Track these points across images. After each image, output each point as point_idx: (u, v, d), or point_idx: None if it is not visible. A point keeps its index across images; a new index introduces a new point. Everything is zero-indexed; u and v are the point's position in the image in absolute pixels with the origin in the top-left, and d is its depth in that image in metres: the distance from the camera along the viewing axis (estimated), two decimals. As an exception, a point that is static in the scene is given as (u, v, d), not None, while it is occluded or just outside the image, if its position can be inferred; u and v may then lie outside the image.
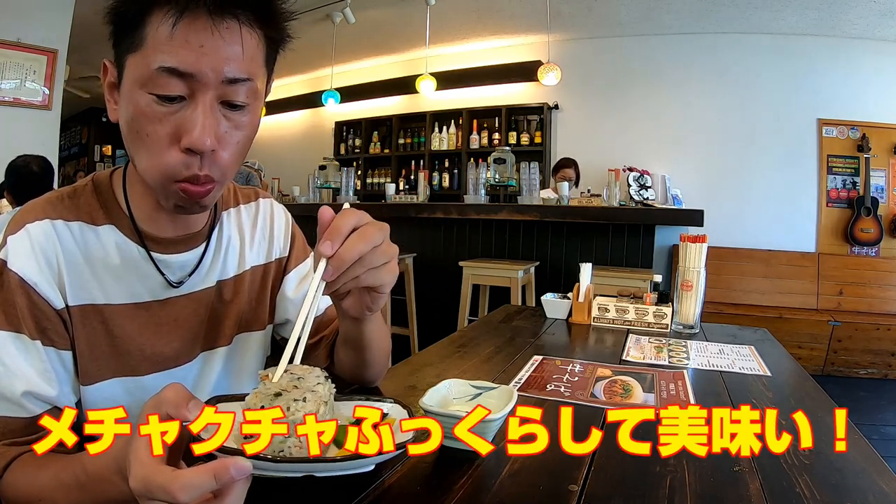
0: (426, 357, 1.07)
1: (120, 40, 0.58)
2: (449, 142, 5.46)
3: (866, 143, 4.16)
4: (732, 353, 1.13)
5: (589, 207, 3.26)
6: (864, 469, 0.61)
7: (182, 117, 0.56)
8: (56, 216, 0.63)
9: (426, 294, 3.68)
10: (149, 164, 0.58)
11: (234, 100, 0.58)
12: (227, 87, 0.57)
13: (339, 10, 4.54)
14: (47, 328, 0.61)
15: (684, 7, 4.16)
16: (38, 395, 0.59)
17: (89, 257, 0.64)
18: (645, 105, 4.68)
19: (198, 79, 0.55)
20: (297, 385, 0.47)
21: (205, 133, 0.56)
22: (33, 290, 0.60)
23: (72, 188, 0.68)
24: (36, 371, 0.59)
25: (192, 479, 0.38)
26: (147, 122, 0.56)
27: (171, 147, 0.57)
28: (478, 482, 0.56)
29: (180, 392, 0.43)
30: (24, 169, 2.47)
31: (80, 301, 0.63)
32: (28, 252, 0.60)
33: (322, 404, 0.47)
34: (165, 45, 0.54)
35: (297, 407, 0.45)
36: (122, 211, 0.67)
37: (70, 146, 8.54)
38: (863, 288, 4.06)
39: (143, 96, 0.56)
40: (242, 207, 0.81)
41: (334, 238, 0.52)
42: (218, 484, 0.38)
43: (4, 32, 3.58)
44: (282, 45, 0.65)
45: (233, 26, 0.56)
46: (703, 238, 1.34)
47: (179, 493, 0.37)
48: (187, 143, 0.56)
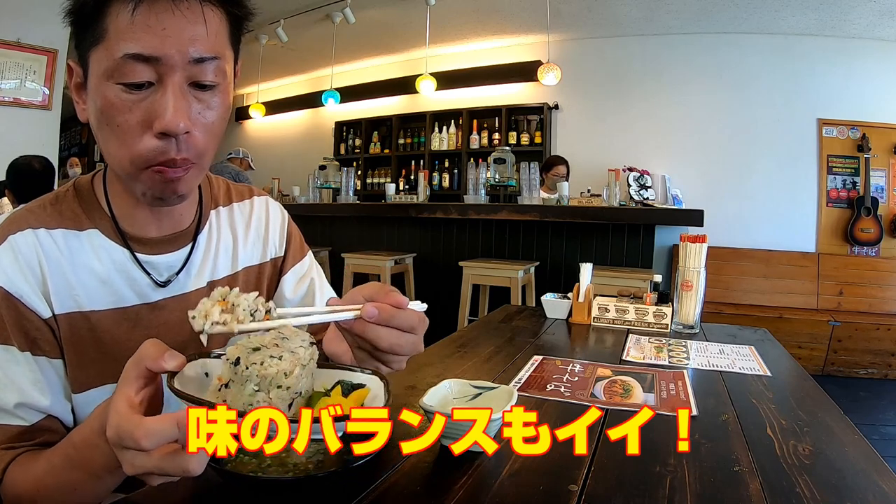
0: (426, 357, 1.07)
1: (81, 37, 0.57)
2: (449, 142, 5.46)
3: (866, 143, 4.16)
4: (732, 353, 1.13)
5: (589, 207, 3.27)
6: (864, 469, 0.61)
7: (152, 102, 0.55)
8: (38, 225, 0.63)
9: (426, 294, 3.68)
10: (122, 155, 0.58)
11: (203, 79, 0.57)
12: (195, 68, 0.56)
13: (339, 10, 4.54)
14: (37, 338, 0.60)
15: (685, 7, 4.16)
16: (32, 406, 0.58)
17: (74, 264, 0.63)
18: (645, 105, 4.68)
19: (164, 62, 0.54)
20: (279, 344, 0.48)
21: (177, 115, 0.55)
22: (19, 301, 0.59)
23: (54, 195, 0.67)
24: (27, 382, 0.58)
25: (155, 426, 0.40)
26: (117, 112, 0.56)
27: (144, 134, 0.56)
28: (478, 482, 0.56)
29: (158, 345, 0.45)
30: (26, 167, 2.48)
31: (66, 309, 0.62)
32: (12, 264, 0.60)
33: (299, 366, 0.47)
34: (127, 32, 0.53)
35: (272, 363, 0.45)
36: (105, 214, 0.66)
37: (70, 146, 8.53)
38: (863, 288, 4.06)
39: (111, 87, 0.55)
40: (236, 206, 0.80)
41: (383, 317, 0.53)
42: (178, 434, 0.40)
43: (4, 32, 3.59)
44: (245, 22, 0.64)
45: (194, 6, 0.55)
46: (703, 238, 1.34)
47: (143, 440, 0.39)
48: (160, 127, 0.55)
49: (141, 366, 0.45)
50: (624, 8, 4.28)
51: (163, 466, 0.41)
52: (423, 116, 5.60)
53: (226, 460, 0.54)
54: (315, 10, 4.61)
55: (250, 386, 0.45)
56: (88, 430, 0.49)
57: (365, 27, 4.80)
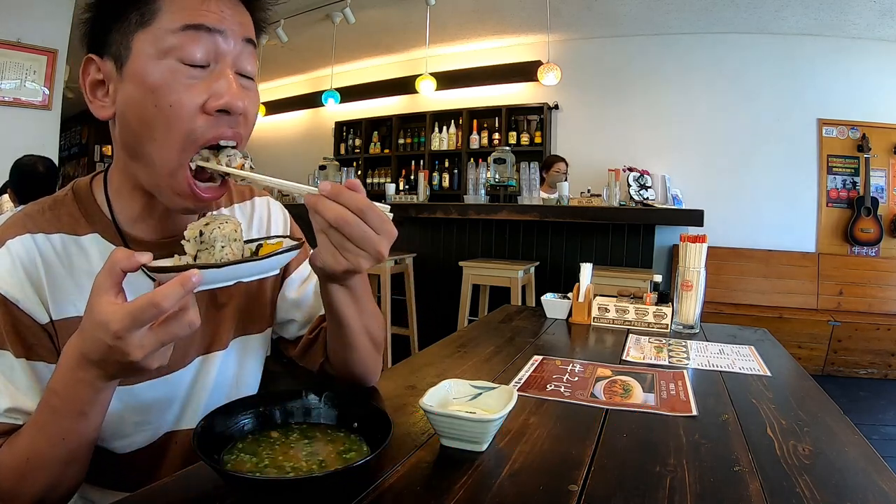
0: (426, 357, 1.07)
1: (121, 22, 0.58)
2: (449, 142, 5.46)
3: (866, 143, 4.16)
4: (732, 353, 1.13)
5: (589, 207, 3.26)
6: (864, 469, 0.61)
7: (210, 83, 0.58)
8: (36, 230, 0.62)
9: (426, 294, 3.68)
10: (167, 140, 0.58)
11: (246, 68, 0.61)
12: (242, 52, 0.60)
13: (339, 10, 4.54)
14: (34, 344, 0.60)
15: (684, 7, 4.16)
16: (23, 411, 0.58)
17: (73, 269, 0.63)
18: (645, 105, 4.68)
19: (225, 36, 0.58)
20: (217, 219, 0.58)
21: (239, 93, 0.59)
22: (16, 307, 0.59)
23: (52, 199, 0.67)
24: (19, 388, 0.58)
25: (166, 290, 0.46)
26: (171, 91, 0.57)
27: (197, 113, 0.58)
28: (478, 482, 0.55)
29: (125, 251, 0.49)
30: (30, 169, 2.48)
31: (64, 315, 0.62)
32: (9, 269, 0.59)
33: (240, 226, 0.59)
34: (186, 8, 0.57)
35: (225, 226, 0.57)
36: (105, 217, 0.66)
37: (70, 146, 8.54)
38: (863, 288, 4.06)
39: (165, 65, 0.57)
40: (237, 206, 0.80)
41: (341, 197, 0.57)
42: (185, 291, 0.46)
43: (4, 32, 3.58)
44: (264, 29, 0.68)
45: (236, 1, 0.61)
46: (703, 238, 1.34)
47: (163, 301, 0.45)
48: (223, 104, 0.58)
49: (115, 271, 0.48)
50: (624, 8, 4.28)
51: (171, 330, 0.48)
52: (423, 116, 5.60)
53: (226, 461, 0.54)
54: (315, 10, 4.61)
55: (218, 245, 0.55)
56: (65, 369, 0.51)
57: (365, 27, 4.80)
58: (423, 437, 0.66)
